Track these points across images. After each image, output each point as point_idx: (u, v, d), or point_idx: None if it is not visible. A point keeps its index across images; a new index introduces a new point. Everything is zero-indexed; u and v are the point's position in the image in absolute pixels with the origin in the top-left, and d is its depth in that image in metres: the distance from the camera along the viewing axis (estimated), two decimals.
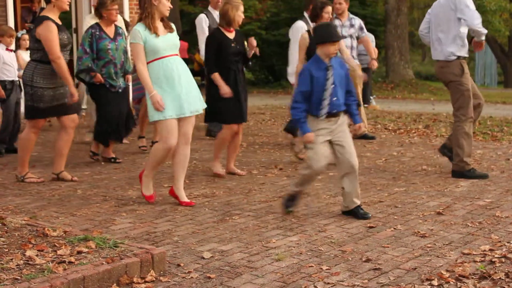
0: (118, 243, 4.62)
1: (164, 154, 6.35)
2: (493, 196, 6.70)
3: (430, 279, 4.31)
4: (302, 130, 5.79)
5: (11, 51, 9.50)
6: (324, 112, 5.77)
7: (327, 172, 7.94)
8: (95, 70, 8.16)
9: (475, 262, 4.66)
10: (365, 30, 10.86)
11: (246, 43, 7.76)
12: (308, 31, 8.46)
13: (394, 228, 5.53)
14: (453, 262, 4.67)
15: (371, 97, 16.72)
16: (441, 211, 6.07)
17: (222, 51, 7.55)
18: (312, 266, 4.59)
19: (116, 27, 8.42)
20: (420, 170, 8.09)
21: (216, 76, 7.51)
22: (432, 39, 7.88)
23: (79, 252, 4.40)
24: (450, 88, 7.81)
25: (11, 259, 4.21)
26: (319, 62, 5.79)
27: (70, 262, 4.20)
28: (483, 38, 7.77)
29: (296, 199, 6.03)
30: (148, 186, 6.48)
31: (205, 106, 6.75)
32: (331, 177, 7.68)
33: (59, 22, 7.26)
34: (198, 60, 24.37)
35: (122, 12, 14.27)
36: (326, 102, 5.78)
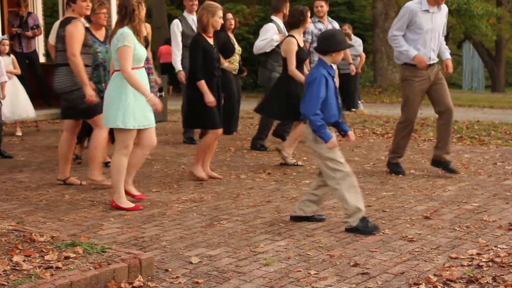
0: (106, 248, 4.61)
1: (125, 162, 6.41)
2: (480, 200, 6.72)
3: (417, 284, 4.32)
4: (325, 136, 5.59)
5: None
6: (335, 119, 5.77)
7: (315, 176, 7.95)
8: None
9: (462, 266, 4.68)
10: None
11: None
12: (291, 35, 8.44)
13: (382, 233, 5.54)
14: (440, 266, 4.68)
15: (359, 101, 16.74)
16: (428, 215, 6.09)
17: (206, 57, 7.51)
18: (300, 271, 4.59)
19: (106, 31, 8.41)
20: (408, 174, 8.11)
21: (203, 84, 7.47)
22: None
23: (66, 258, 4.38)
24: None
25: None
26: (328, 68, 5.77)
27: (57, 268, 4.18)
28: (397, 55, 8.09)
29: (367, 223, 5.63)
30: (125, 200, 6.43)
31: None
32: None
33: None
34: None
35: (110, 16, 14.26)
36: (337, 110, 5.79)
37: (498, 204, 6.53)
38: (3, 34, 13.66)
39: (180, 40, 10.37)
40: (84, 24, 7.43)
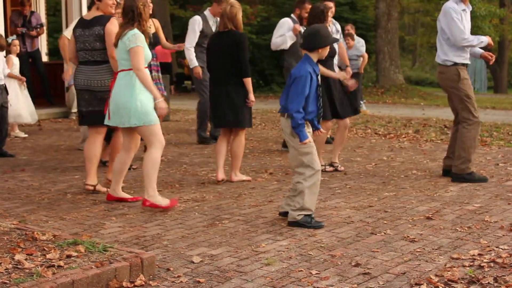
0: (108, 247, 4.61)
1: (160, 157, 6.40)
2: (482, 201, 6.72)
3: (419, 284, 4.32)
4: (303, 135, 5.66)
5: None
6: (312, 116, 5.81)
7: None
8: None
9: (464, 266, 4.68)
10: (341, 34, 10.88)
11: None
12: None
13: (384, 233, 5.54)
14: (442, 267, 4.68)
15: (361, 102, 16.74)
16: (430, 215, 6.09)
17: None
18: (301, 271, 4.60)
19: None
20: (410, 174, 8.11)
21: (249, 82, 7.49)
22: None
23: (68, 256, 4.39)
24: (448, 94, 7.93)
25: (0, 263, 4.19)
26: (314, 65, 5.79)
27: (59, 266, 4.19)
28: (482, 45, 7.75)
29: (311, 219, 5.75)
30: (160, 199, 6.30)
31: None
32: (321, 181, 7.65)
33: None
34: (188, 64, 24.39)
35: None
36: (320, 109, 5.83)
37: (500, 205, 6.53)
38: (6, 33, 13.68)
39: (197, 37, 10.33)
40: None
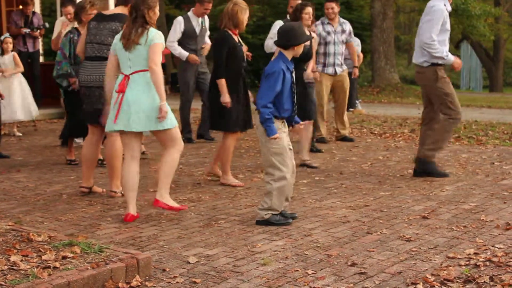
0: (104, 248, 4.61)
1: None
2: (478, 200, 6.73)
3: (415, 283, 4.33)
4: (271, 130, 5.67)
5: None
6: (288, 114, 5.83)
7: (313, 176, 7.97)
8: (74, 76, 8.06)
9: (460, 265, 4.68)
10: (353, 35, 10.92)
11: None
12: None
13: (380, 232, 5.54)
14: (438, 266, 4.68)
15: (357, 101, 16.77)
16: (426, 215, 6.09)
17: (233, 55, 7.30)
18: (297, 271, 4.59)
19: None
20: (406, 174, 8.11)
21: (222, 83, 7.25)
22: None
23: (64, 257, 4.38)
24: (426, 92, 8.01)
25: None
26: (288, 63, 5.81)
27: (55, 267, 4.18)
28: (446, 62, 7.75)
29: (279, 217, 5.80)
30: (171, 200, 6.12)
31: None
32: (317, 181, 7.69)
33: None
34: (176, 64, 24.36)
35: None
36: (295, 106, 5.86)
37: (496, 204, 6.54)
38: (1, 33, 13.66)
39: (179, 37, 10.38)
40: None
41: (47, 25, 14.64)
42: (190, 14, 10.66)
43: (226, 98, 7.27)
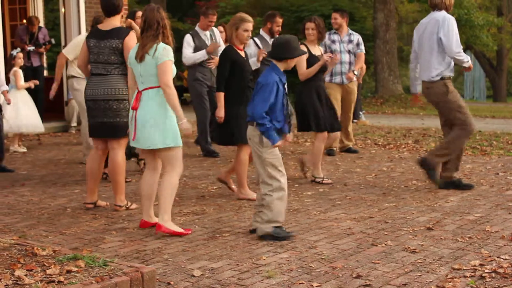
0: (108, 261, 4.60)
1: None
2: (482, 210, 6.71)
3: None
4: (273, 139, 5.67)
5: None
6: (284, 126, 5.83)
7: (317, 188, 7.96)
8: None
9: (465, 277, 4.67)
10: (361, 46, 10.85)
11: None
12: (305, 44, 8.55)
13: (385, 244, 5.53)
14: (443, 278, 4.67)
15: (361, 112, 16.76)
16: (431, 226, 6.08)
17: (237, 69, 7.32)
18: (302, 283, 4.58)
19: None
20: (410, 185, 8.10)
21: (220, 96, 7.30)
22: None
23: (68, 272, 4.38)
24: (438, 108, 7.98)
25: (0, 279, 4.18)
26: (280, 74, 5.82)
27: (59, 282, 4.18)
28: (466, 65, 7.81)
29: (281, 230, 5.77)
30: (174, 225, 5.99)
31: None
32: (321, 193, 7.68)
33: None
34: (187, 77, 24.39)
35: None
36: (288, 118, 5.88)
37: (501, 215, 6.52)
38: (5, 47, 13.71)
39: (191, 52, 10.34)
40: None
41: (53, 41, 14.70)
42: (197, 28, 10.66)
43: (220, 112, 7.32)
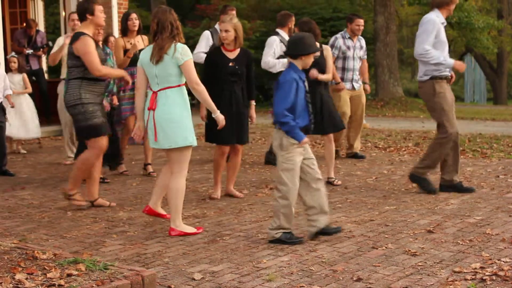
0: (108, 265, 4.60)
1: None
2: (483, 213, 6.71)
3: None
4: (299, 136, 5.65)
5: None
6: (305, 123, 5.80)
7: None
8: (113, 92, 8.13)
9: (466, 280, 4.66)
10: (365, 51, 10.83)
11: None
12: None
13: (385, 247, 5.53)
14: (444, 281, 4.66)
15: None
16: (431, 229, 6.08)
17: (217, 70, 7.42)
18: (303, 286, 4.58)
19: (103, 47, 8.40)
20: (411, 188, 8.09)
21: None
22: None
23: (69, 275, 4.37)
24: (427, 107, 8.09)
25: (0, 283, 4.18)
26: (299, 72, 5.81)
27: (60, 285, 4.17)
28: (446, 65, 7.75)
29: (291, 235, 5.75)
30: (187, 227, 6.13)
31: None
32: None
33: (95, 38, 7.20)
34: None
35: (112, 30, 14.31)
36: (311, 116, 5.84)
37: (501, 217, 6.52)
38: (5, 51, 13.72)
39: (205, 48, 10.26)
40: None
41: (50, 44, 14.71)
42: (216, 26, 10.61)
43: (202, 112, 7.49)
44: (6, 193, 8.06)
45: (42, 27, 16.52)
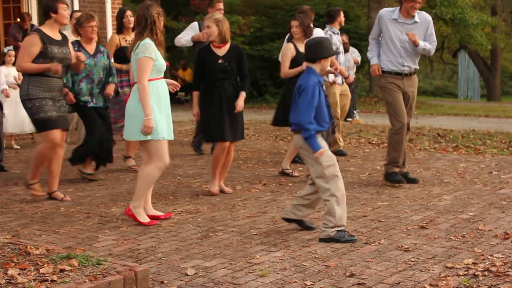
0: (101, 260, 4.60)
1: (159, 174, 6.34)
2: (476, 209, 6.72)
3: None
4: (317, 145, 5.62)
5: None
6: (327, 127, 5.78)
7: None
8: (68, 87, 8.04)
9: (458, 275, 4.67)
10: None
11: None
12: (293, 42, 8.61)
13: (378, 243, 5.53)
14: (436, 276, 4.67)
15: (355, 111, 16.78)
16: (424, 225, 6.09)
17: (206, 67, 7.46)
18: (296, 282, 4.59)
19: (98, 45, 8.38)
20: (404, 184, 8.10)
21: (193, 95, 7.68)
22: None
23: (61, 271, 4.37)
24: None
25: None
26: (318, 76, 5.78)
27: (52, 281, 4.17)
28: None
29: (344, 234, 5.71)
30: (142, 214, 6.28)
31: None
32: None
33: (57, 37, 7.21)
34: (182, 76, 24.37)
35: (105, 25, 14.29)
36: (332, 117, 5.83)
37: (494, 213, 6.54)
38: (0, 46, 13.70)
39: (190, 38, 10.28)
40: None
41: None
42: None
43: (193, 110, 7.66)
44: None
45: (35, 21, 16.47)
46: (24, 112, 11.13)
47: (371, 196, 7.42)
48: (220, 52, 7.46)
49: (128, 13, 9.16)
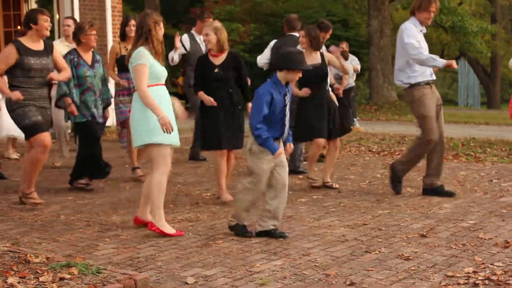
0: (101, 269, 4.59)
1: (166, 179, 6.24)
2: (476, 217, 6.71)
3: None
4: (273, 148, 5.81)
5: None
6: (280, 136, 5.94)
7: (311, 195, 7.95)
8: (71, 96, 8.03)
9: (458, 284, 4.67)
10: None
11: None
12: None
13: (378, 251, 5.53)
14: (437, 285, 4.67)
15: (355, 119, 16.78)
16: (425, 233, 6.08)
17: (204, 77, 7.52)
18: None
19: (93, 54, 8.36)
20: (404, 192, 8.09)
21: (201, 93, 7.55)
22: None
23: (61, 279, 4.37)
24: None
25: None
26: (279, 86, 5.83)
27: None
28: (432, 63, 7.80)
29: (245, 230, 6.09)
30: (167, 226, 6.16)
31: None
32: (315, 200, 7.68)
33: (38, 47, 7.24)
34: (182, 83, 24.36)
35: (106, 32, 14.31)
36: (285, 128, 5.95)
37: (494, 222, 6.53)
38: None
39: (179, 50, 10.34)
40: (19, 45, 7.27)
41: None
42: (193, 32, 10.69)
43: (207, 102, 7.54)
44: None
45: None
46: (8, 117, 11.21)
47: (371, 204, 7.41)
48: (217, 61, 7.51)
49: (132, 22, 9.16)
